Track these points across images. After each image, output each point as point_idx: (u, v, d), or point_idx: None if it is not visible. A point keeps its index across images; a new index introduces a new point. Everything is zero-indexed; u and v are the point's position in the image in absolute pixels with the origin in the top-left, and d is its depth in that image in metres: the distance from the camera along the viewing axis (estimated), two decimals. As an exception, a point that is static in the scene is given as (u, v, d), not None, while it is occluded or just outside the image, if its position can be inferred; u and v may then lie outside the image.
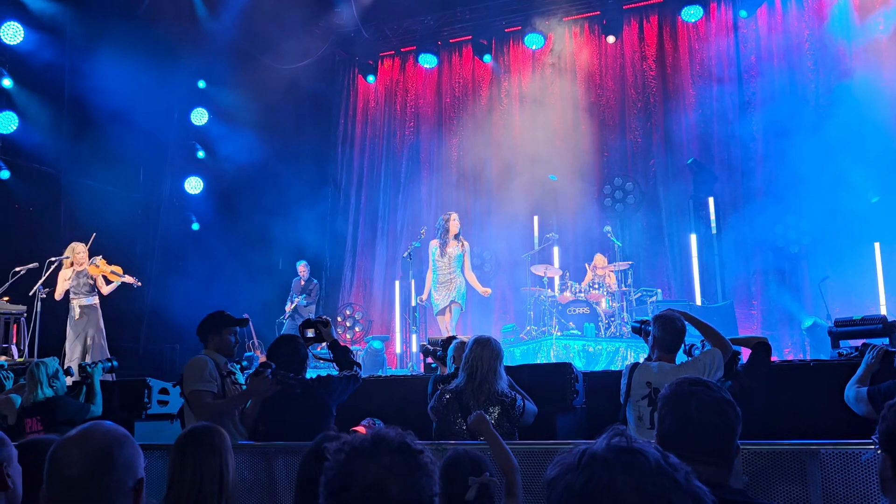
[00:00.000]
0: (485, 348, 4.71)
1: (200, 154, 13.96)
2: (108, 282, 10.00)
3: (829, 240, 11.07)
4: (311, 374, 5.27)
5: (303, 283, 12.42)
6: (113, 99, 11.71)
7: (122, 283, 10.05)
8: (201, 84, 14.10)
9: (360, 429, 4.58)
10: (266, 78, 13.90)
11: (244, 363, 7.66)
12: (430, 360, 7.55)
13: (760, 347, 5.03)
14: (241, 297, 10.91)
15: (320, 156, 14.99)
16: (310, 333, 5.26)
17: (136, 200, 13.21)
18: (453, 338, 6.01)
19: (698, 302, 11.64)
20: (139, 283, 10.29)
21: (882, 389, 4.42)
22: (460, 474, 2.94)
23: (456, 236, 9.62)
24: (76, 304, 9.69)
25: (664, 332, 4.62)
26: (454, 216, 9.72)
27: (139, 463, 2.00)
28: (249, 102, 13.94)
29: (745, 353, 5.12)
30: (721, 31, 12.90)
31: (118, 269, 10.05)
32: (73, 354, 9.46)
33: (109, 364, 6.53)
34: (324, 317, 5.44)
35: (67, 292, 9.71)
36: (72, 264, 9.79)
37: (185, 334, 10.90)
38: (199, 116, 14.08)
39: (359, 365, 5.17)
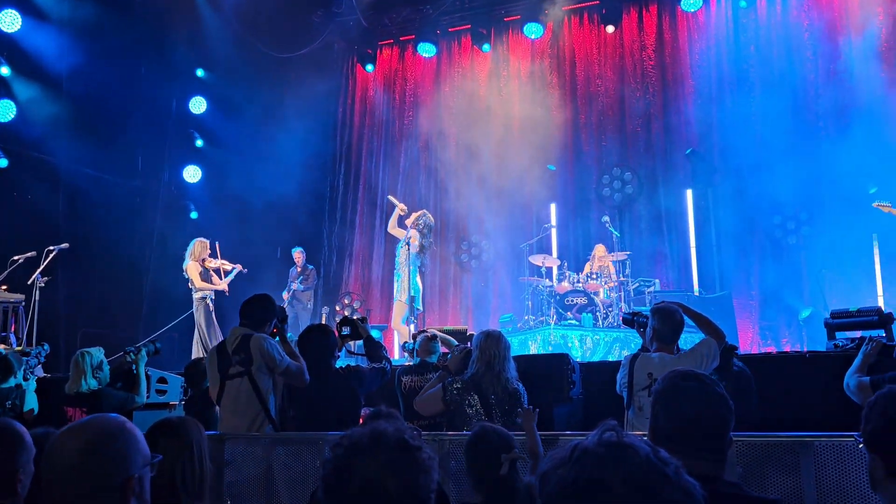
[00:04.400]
0: (499, 341, 4.88)
1: (199, 143, 13.96)
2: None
3: (828, 231, 11.08)
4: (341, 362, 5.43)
5: (299, 269, 12.44)
6: (111, 87, 11.70)
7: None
8: (200, 73, 14.08)
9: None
10: (265, 66, 13.89)
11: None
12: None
13: (727, 353, 5.09)
14: (239, 285, 10.91)
15: (319, 144, 14.96)
16: (346, 330, 5.40)
17: (135, 189, 13.22)
18: (424, 332, 6.28)
19: (696, 292, 11.68)
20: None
21: (886, 379, 4.44)
22: (489, 448, 3.09)
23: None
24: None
25: (664, 323, 4.66)
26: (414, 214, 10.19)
27: (133, 459, 1.92)
28: (248, 91, 13.93)
29: (742, 346, 5.17)
30: (721, 21, 12.88)
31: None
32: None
33: (153, 347, 6.44)
34: (357, 315, 5.62)
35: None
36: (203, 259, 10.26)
37: (182, 323, 10.95)
38: (198, 105, 14.07)
39: (389, 360, 5.33)
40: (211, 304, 10.18)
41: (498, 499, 3.08)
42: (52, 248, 9.81)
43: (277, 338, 5.08)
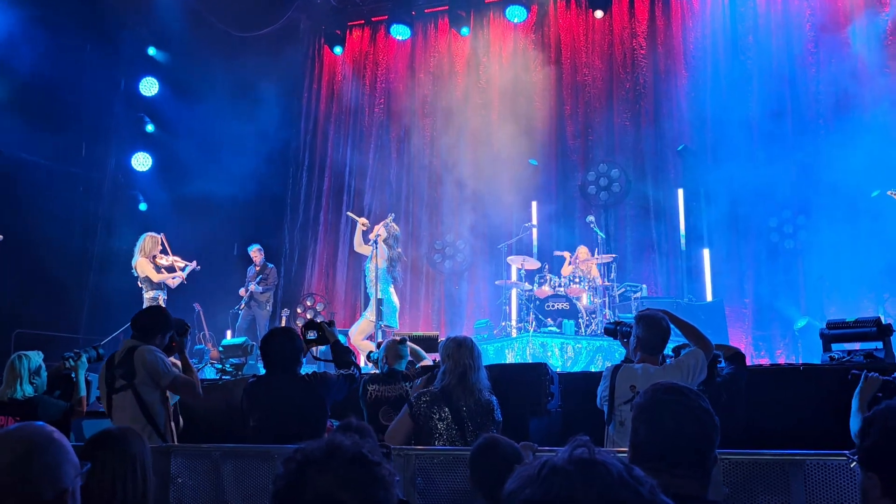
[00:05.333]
0: (472, 350, 4.85)
1: (149, 128, 13.86)
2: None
3: (827, 235, 11.20)
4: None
5: (257, 268, 12.38)
6: (51, 65, 11.56)
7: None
8: (151, 51, 13.97)
9: None
10: (223, 46, 13.79)
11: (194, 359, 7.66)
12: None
13: (738, 360, 5.14)
14: (191, 284, 10.84)
15: (281, 133, 14.90)
16: (312, 335, 5.38)
17: (78, 177, 13.08)
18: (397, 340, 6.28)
19: (685, 299, 11.77)
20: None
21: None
22: (501, 459, 3.07)
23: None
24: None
25: (648, 332, 4.69)
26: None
27: (65, 471, 1.91)
28: (204, 72, 13.83)
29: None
30: (717, 9, 12.98)
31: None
32: None
33: (95, 353, 6.39)
34: (317, 318, 5.62)
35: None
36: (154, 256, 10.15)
37: (127, 324, 10.85)
38: (149, 86, 13.95)
39: (357, 367, 5.32)
40: (163, 305, 10.10)
41: None
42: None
43: (176, 353, 5.30)
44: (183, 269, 10.48)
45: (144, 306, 10.02)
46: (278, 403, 4.83)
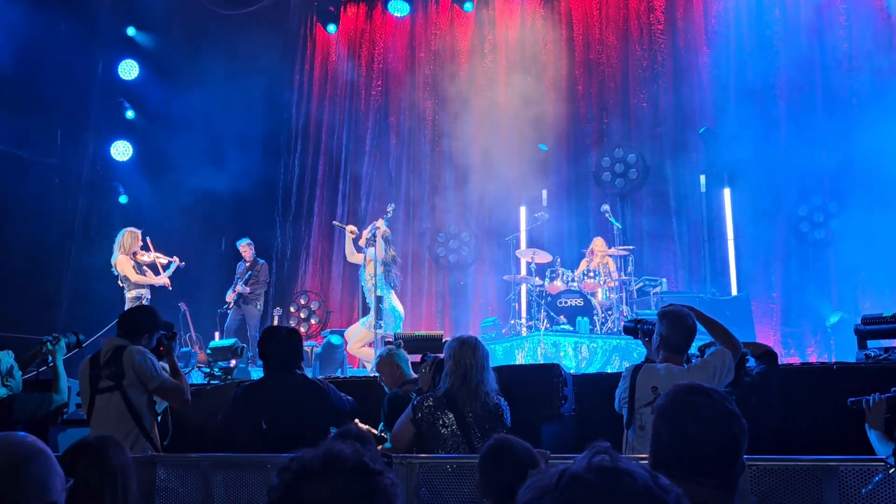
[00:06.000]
0: (475, 349, 4.85)
1: (130, 114, 13.83)
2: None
3: (861, 224, 11.16)
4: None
5: (247, 264, 12.37)
6: (23, 48, 11.54)
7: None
8: (131, 31, 13.95)
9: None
10: (208, 25, 13.78)
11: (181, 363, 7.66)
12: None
13: (769, 359, 5.12)
14: (176, 283, 10.85)
15: (271, 118, 14.90)
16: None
17: (53, 168, 13.07)
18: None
19: (709, 294, 11.75)
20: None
21: None
22: (515, 462, 3.06)
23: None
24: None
25: (672, 330, 4.68)
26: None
27: (54, 483, 1.94)
28: (187, 54, 13.82)
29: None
30: (741, -21, 12.94)
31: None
32: None
33: (75, 339, 6.39)
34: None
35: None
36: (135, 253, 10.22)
37: (109, 325, 10.86)
38: (128, 69, 13.93)
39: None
40: (146, 303, 10.13)
41: None
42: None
43: (165, 358, 5.37)
44: (166, 268, 10.49)
45: (127, 307, 10.04)
46: (285, 407, 4.91)
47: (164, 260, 10.54)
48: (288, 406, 4.89)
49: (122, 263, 10.08)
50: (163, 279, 10.41)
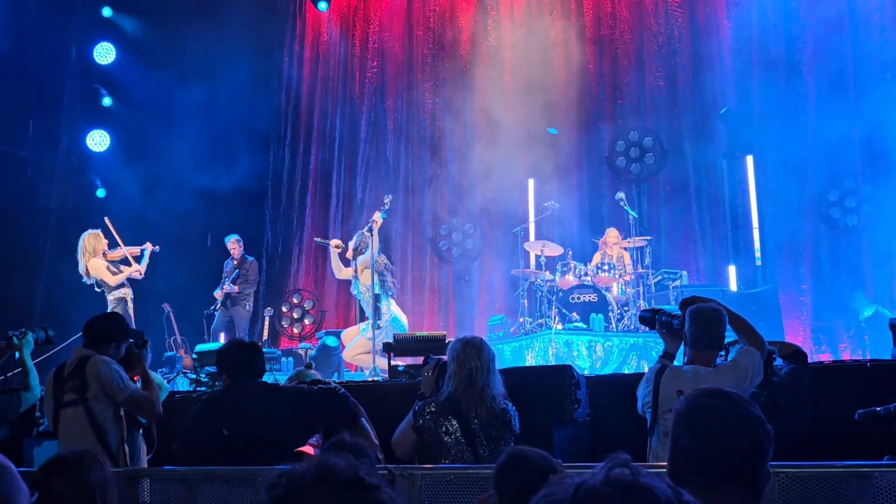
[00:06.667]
0: (481, 350, 4.84)
1: (106, 101, 13.83)
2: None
3: (895, 208, 11.16)
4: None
5: (235, 262, 12.37)
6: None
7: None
8: (106, 12, 13.93)
9: (308, 449, 4.65)
10: (190, 4, 13.75)
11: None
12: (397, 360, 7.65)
13: (798, 358, 5.11)
14: (158, 282, 10.87)
15: (259, 103, 14.87)
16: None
17: (24, 160, 13.09)
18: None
19: (733, 287, 11.75)
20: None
21: None
22: (535, 473, 3.05)
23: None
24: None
25: (701, 327, 4.66)
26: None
27: (18, 499, 1.95)
28: (169, 35, 13.81)
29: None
30: (765, -53, 12.91)
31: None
32: None
33: (44, 334, 6.40)
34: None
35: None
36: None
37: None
38: (105, 53, 13.93)
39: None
40: (131, 306, 10.13)
41: None
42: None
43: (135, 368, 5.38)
44: (140, 258, 10.45)
45: (109, 309, 10.05)
46: (248, 414, 4.92)
47: (135, 251, 10.51)
48: (251, 413, 4.91)
49: (94, 268, 10.05)
50: (135, 268, 10.35)
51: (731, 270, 12.19)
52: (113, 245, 10.44)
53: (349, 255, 10.25)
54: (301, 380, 5.65)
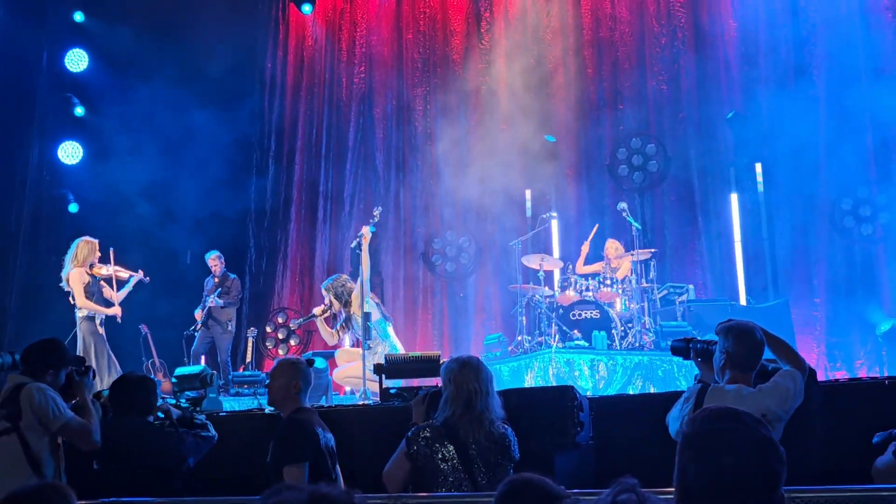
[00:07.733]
0: (478, 371, 4.82)
1: (79, 111, 13.82)
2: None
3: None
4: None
5: (217, 280, 12.36)
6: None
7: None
8: (78, 17, 13.94)
9: None
10: (166, 8, 13.77)
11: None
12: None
13: (808, 376, 5.12)
14: (135, 301, 10.83)
15: (240, 111, 14.86)
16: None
17: (-8, 174, 13.09)
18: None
19: (743, 301, 11.76)
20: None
21: None
22: (530, 500, 3.04)
23: None
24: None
25: (740, 345, 4.67)
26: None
27: None
28: (144, 41, 13.80)
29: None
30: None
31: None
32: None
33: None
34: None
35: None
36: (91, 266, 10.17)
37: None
38: (77, 60, 13.93)
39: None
40: (100, 325, 10.10)
41: None
42: None
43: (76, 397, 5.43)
44: (125, 283, 10.46)
45: (78, 328, 10.02)
46: (117, 449, 5.20)
47: (124, 274, 10.50)
48: (120, 451, 5.16)
49: (74, 279, 10.00)
50: (115, 310, 10.31)
51: (741, 283, 12.20)
52: (105, 261, 10.42)
53: (336, 308, 10.18)
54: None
